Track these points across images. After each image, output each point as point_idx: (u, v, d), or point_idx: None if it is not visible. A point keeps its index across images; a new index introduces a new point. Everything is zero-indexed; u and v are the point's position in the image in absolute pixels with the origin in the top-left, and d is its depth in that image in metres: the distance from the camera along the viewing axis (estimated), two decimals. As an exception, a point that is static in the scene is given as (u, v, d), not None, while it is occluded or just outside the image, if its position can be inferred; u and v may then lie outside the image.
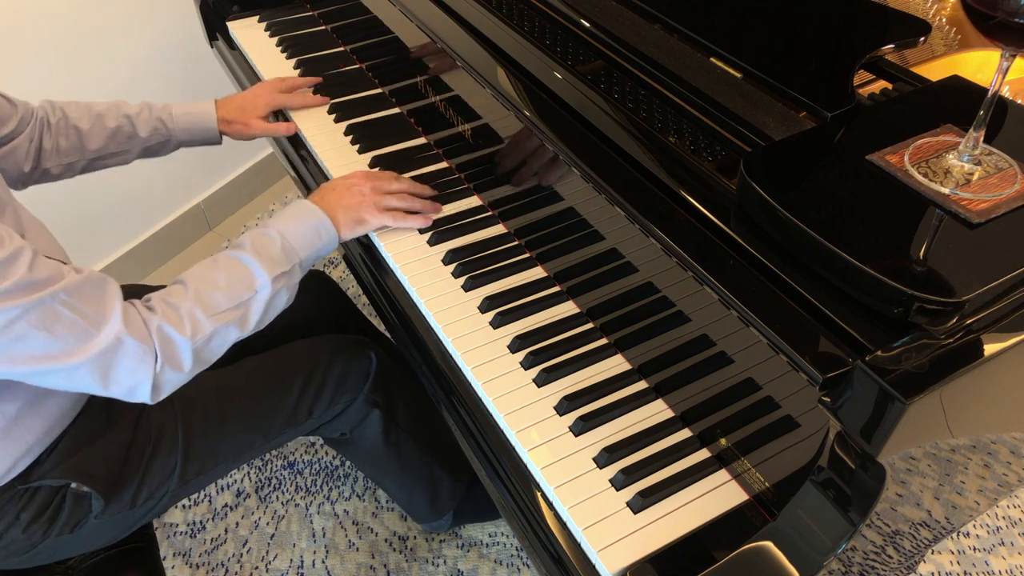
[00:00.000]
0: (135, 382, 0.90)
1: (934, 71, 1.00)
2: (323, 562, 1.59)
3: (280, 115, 1.43)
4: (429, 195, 1.20)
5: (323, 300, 1.43)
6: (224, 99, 1.37)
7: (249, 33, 1.66)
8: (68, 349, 0.84)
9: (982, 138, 0.74)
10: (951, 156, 0.75)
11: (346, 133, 1.37)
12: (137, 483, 1.06)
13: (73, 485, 1.01)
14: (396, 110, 1.41)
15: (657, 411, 0.93)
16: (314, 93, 1.44)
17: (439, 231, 1.16)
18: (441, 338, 1.04)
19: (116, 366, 0.88)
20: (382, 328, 1.67)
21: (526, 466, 0.90)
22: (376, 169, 1.27)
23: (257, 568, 1.59)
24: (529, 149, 1.06)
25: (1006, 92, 1.03)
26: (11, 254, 0.80)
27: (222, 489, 1.73)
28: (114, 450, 1.04)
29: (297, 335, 1.30)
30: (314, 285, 1.44)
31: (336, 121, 1.39)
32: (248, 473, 1.75)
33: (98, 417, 1.05)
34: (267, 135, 1.39)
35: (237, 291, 0.98)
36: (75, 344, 0.85)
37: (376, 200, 1.14)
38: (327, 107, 1.42)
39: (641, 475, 0.86)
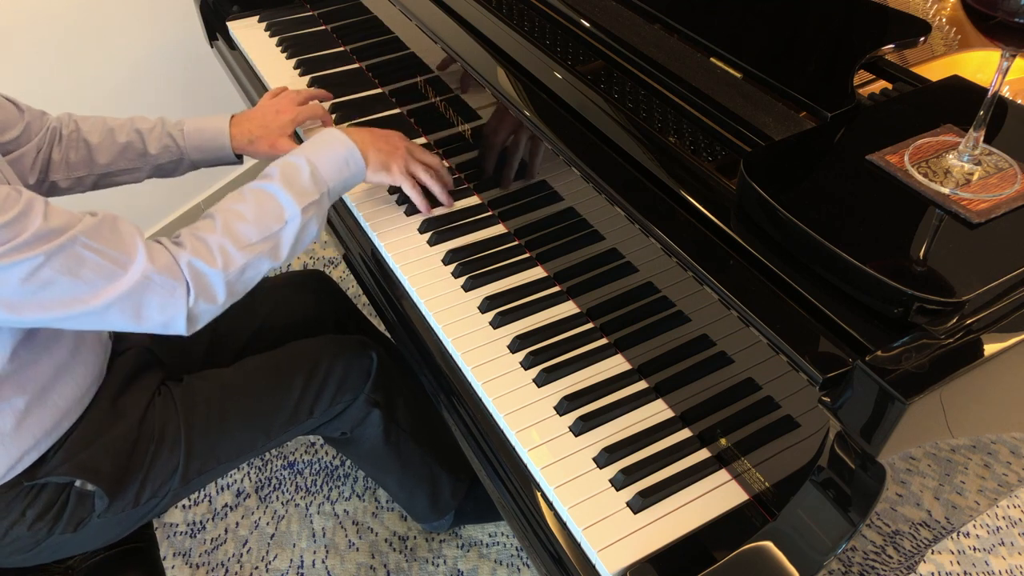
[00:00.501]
0: (168, 317, 0.91)
1: (934, 71, 1.00)
2: (323, 562, 1.59)
3: None
4: (450, 188, 1.21)
5: (323, 300, 1.43)
6: (241, 115, 1.28)
7: (249, 33, 1.66)
8: (95, 291, 0.86)
9: (982, 138, 0.74)
10: (951, 156, 0.75)
11: (346, 133, 1.37)
12: (140, 481, 1.06)
13: (77, 483, 1.01)
14: (396, 110, 1.41)
15: (657, 411, 0.93)
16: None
17: (439, 231, 1.16)
18: (441, 338, 1.04)
19: (146, 304, 0.89)
20: (382, 328, 1.67)
21: (526, 466, 0.90)
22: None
23: (257, 568, 1.59)
24: (528, 148, 1.06)
25: (1006, 92, 1.03)
26: (24, 207, 0.82)
27: (222, 489, 1.73)
28: (119, 448, 1.05)
29: (298, 335, 1.30)
30: (314, 285, 1.44)
31: (337, 121, 1.39)
32: (248, 473, 1.75)
33: (104, 413, 1.05)
34: None
35: (266, 223, 0.98)
36: (102, 285, 0.86)
37: (407, 157, 1.14)
38: (327, 107, 1.42)
39: (641, 475, 0.86)
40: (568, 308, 1.05)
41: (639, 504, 0.83)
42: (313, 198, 1.01)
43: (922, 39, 0.89)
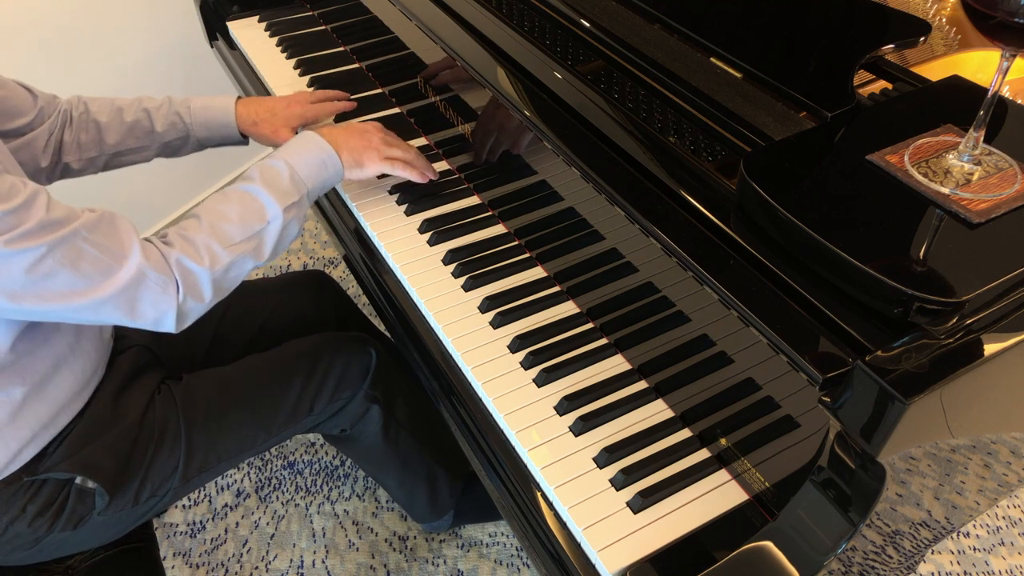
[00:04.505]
0: (160, 313, 0.93)
1: (934, 71, 1.00)
2: (323, 562, 1.59)
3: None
4: (431, 173, 1.21)
5: (324, 300, 1.43)
6: (251, 98, 1.30)
7: (249, 33, 1.66)
8: (93, 285, 0.87)
9: (982, 138, 0.74)
10: (951, 156, 0.75)
11: (346, 133, 1.37)
12: (140, 479, 1.06)
13: (78, 480, 1.02)
14: (396, 110, 1.41)
15: (657, 411, 0.93)
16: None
17: (439, 231, 1.16)
18: (441, 338, 1.04)
19: (141, 299, 0.91)
20: (382, 328, 1.67)
21: (526, 466, 0.90)
22: None
23: (257, 568, 1.59)
24: (528, 149, 1.06)
25: (1006, 92, 1.03)
26: (29, 197, 0.83)
27: (222, 489, 1.73)
28: (120, 445, 1.05)
29: (299, 335, 1.30)
30: (315, 285, 1.44)
31: (336, 121, 1.39)
32: (248, 473, 1.75)
33: (104, 411, 1.06)
34: None
35: (250, 223, 1.00)
36: (100, 279, 0.87)
37: (380, 148, 1.15)
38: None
39: (641, 475, 0.86)
40: (568, 308, 1.05)
41: (639, 504, 0.83)
42: (293, 199, 1.03)
43: (922, 39, 0.89)
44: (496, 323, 1.03)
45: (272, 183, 1.03)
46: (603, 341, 1.01)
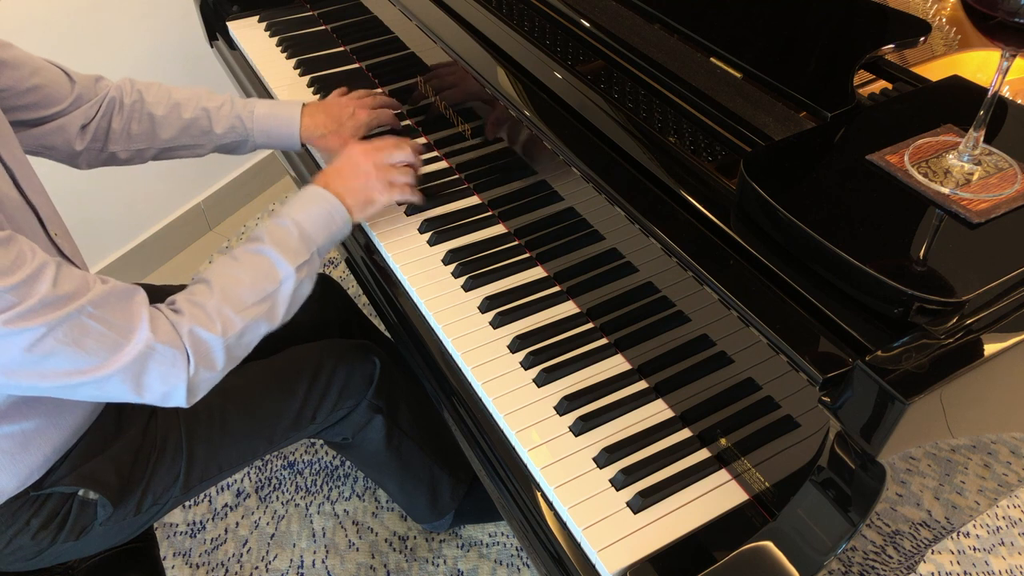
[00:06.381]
0: (169, 387, 0.88)
1: (934, 71, 1.00)
2: (323, 562, 1.59)
3: None
4: (420, 168, 1.18)
5: (327, 304, 1.43)
6: (313, 106, 1.26)
7: (249, 33, 1.66)
8: (98, 362, 0.83)
9: (982, 138, 0.74)
10: (951, 156, 0.75)
11: (346, 133, 1.36)
12: (142, 490, 1.06)
13: (80, 492, 1.01)
14: (396, 110, 1.41)
15: (657, 411, 0.93)
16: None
17: (439, 231, 1.16)
18: (441, 338, 1.04)
19: (147, 373, 0.86)
20: (383, 329, 1.67)
21: (526, 466, 0.90)
22: (375, 140, 1.19)
23: (257, 568, 1.59)
24: (528, 148, 1.06)
25: (1006, 92, 1.03)
26: (35, 271, 0.78)
27: (222, 489, 1.73)
28: (123, 457, 1.04)
29: (301, 339, 1.29)
30: (318, 288, 1.43)
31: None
32: (248, 473, 1.75)
33: (109, 425, 1.05)
34: None
35: (262, 285, 0.96)
36: (105, 356, 0.83)
37: (382, 177, 1.11)
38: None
39: (641, 475, 0.86)
40: (568, 308, 1.05)
41: (639, 504, 0.83)
42: (304, 258, 1.00)
43: (922, 39, 0.89)
44: (496, 323, 1.03)
45: (282, 243, 0.98)
46: (603, 341, 1.01)
